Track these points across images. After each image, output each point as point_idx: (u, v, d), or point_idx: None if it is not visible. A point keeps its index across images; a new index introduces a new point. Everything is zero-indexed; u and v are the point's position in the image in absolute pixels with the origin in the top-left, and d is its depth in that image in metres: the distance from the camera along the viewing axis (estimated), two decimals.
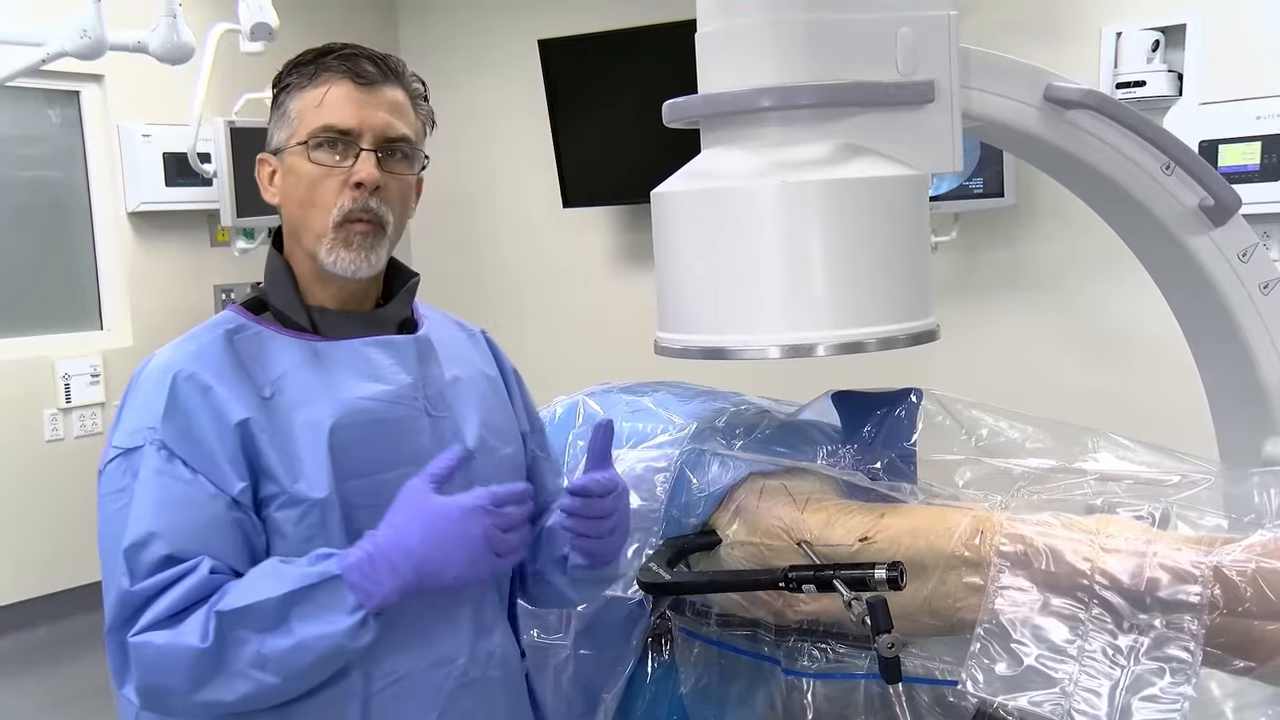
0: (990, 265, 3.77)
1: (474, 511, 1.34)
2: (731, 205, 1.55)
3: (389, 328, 1.54)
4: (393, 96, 1.49)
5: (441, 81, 4.84)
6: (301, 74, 1.48)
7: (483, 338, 1.72)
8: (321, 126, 1.45)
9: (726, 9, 1.60)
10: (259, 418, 1.40)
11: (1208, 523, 1.63)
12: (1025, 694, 1.49)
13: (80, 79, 4.06)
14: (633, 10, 4.09)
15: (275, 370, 1.44)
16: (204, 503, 1.36)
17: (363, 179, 1.44)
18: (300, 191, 1.47)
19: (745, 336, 1.56)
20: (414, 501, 1.36)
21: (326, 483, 1.40)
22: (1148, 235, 1.85)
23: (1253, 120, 3.14)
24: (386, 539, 1.34)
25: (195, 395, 1.39)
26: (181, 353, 1.44)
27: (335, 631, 1.32)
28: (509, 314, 4.81)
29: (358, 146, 1.45)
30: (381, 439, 1.46)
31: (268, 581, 1.33)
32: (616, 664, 1.93)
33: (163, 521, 1.35)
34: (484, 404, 1.61)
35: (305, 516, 1.40)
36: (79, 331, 4.18)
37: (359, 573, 1.32)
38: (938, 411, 1.92)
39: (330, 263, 1.46)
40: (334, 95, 1.45)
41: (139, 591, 1.33)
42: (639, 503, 1.92)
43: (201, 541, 1.35)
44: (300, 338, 1.48)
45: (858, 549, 1.69)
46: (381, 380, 1.48)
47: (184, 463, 1.37)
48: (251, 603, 1.31)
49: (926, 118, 1.59)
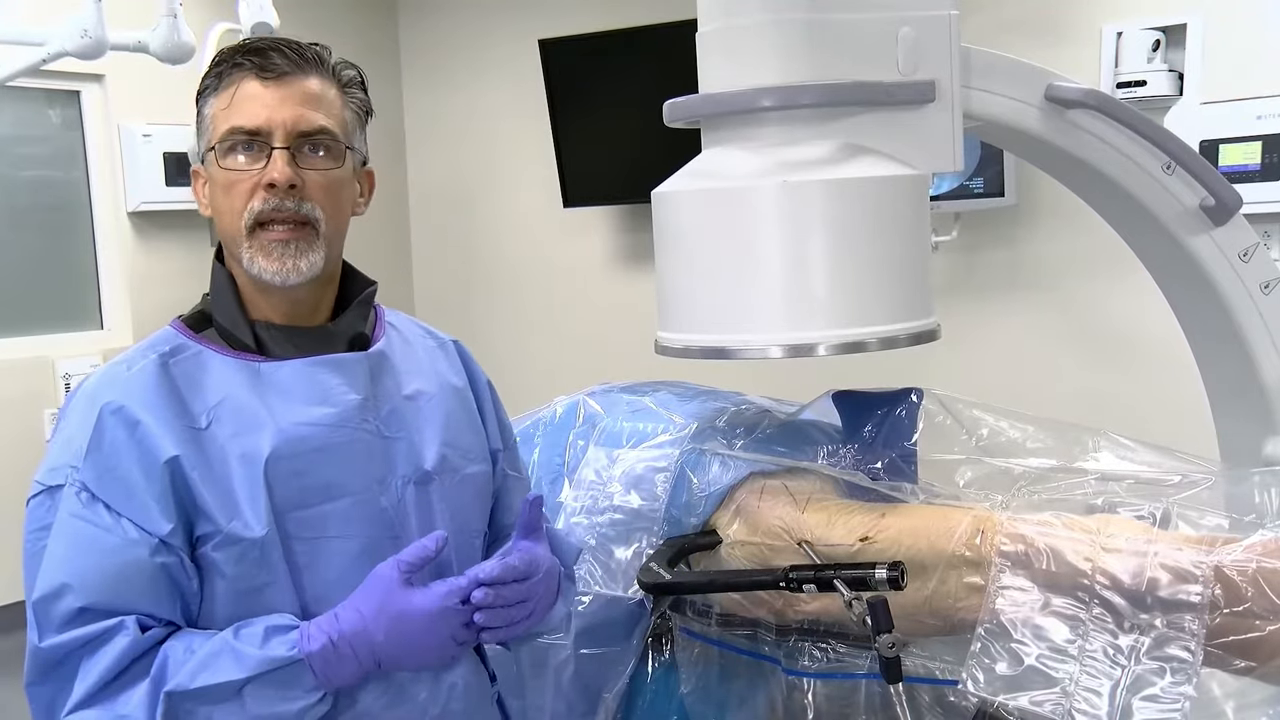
0: (990, 265, 3.77)
1: (444, 614, 1.31)
2: (732, 205, 1.55)
3: (338, 344, 1.44)
4: (307, 87, 1.38)
5: (441, 81, 4.87)
6: (213, 75, 1.39)
7: (454, 347, 1.63)
8: (229, 129, 1.35)
9: (727, 9, 1.60)
10: (189, 453, 1.31)
11: (1208, 522, 1.63)
12: (1026, 694, 1.49)
13: (81, 79, 4.06)
14: (633, 10, 4.09)
15: (213, 396, 1.35)
16: (124, 549, 1.27)
17: (272, 179, 1.34)
18: (217, 199, 1.38)
19: (746, 336, 1.56)
20: (382, 593, 1.30)
21: (264, 520, 1.31)
22: (1148, 235, 1.85)
23: (1253, 120, 3.14)
24: (350, 626, 1.29)
25: (121, 430, 1.30)
26: (113, 380, 1.35)
27: (292, 711, 1.28)
28: (509, 314, 4.81)
29: (269, 146, 1.35)
30: (324, 467, 1.36)
31: (225, 662, 1.26)
32: (617, 664, 1.93)
33: (77, 570, 1.26)
34: (448, 420, 1.51)
35: (244, 556, 1.31)
36: (79, 331, 4.18)
37: (322, 660, 1.27)
38: (938, 411, 1.92)
39: (254, 272, 1.36)
40: (241, 93, 1.36)
41: (50, 648, 1.25)
42: (639, 503, 1.92)
43: (120, 592, 1.27)
44: (242, 359, 1.39)
45: (858, 549, 1.69)
46: (327, 403, 1.38)
47: (106, 506, 1.28)
48: (207, 685, 1.25)
49: (927, 117, 1.59)
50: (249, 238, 1.36)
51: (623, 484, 1.95)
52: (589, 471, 2.01)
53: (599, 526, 1.93)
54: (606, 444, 2.04)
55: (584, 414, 2.14)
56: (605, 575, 1.91)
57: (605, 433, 2.07)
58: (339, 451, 1.38)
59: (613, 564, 1.91)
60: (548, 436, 2.13)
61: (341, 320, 1.46)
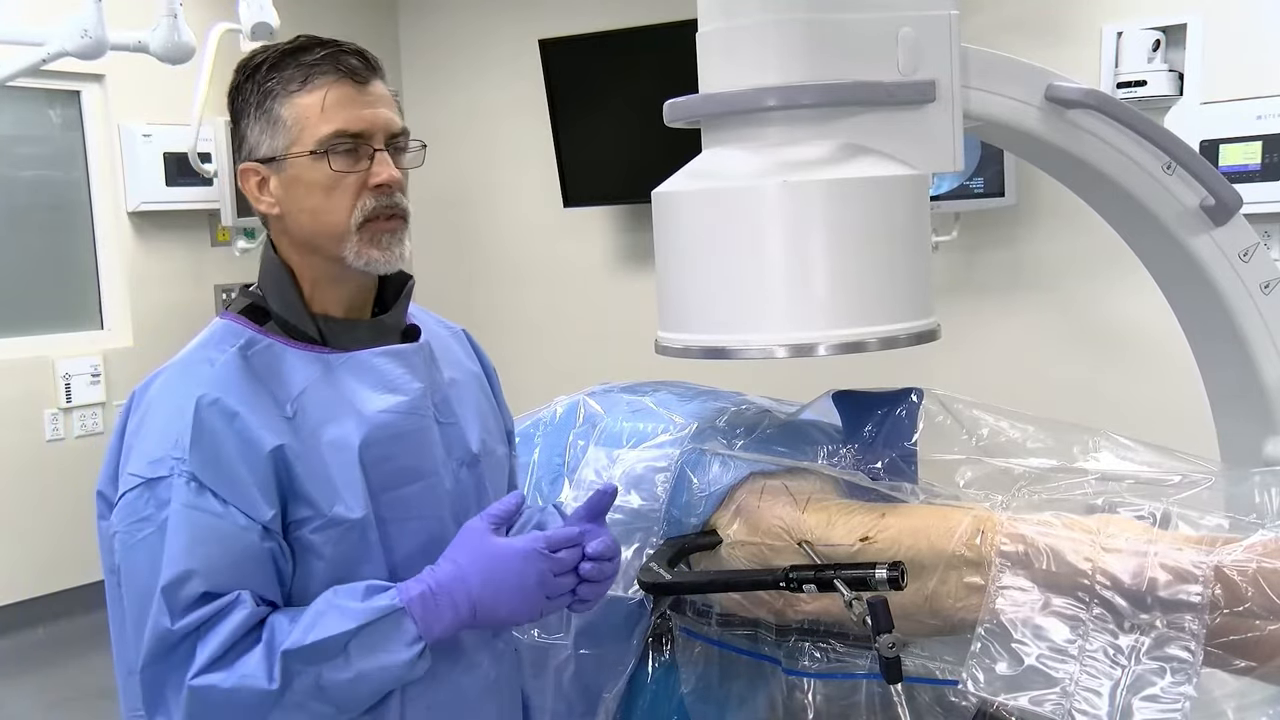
0: (990, 265, 3.77)
1: (531, 556, 1.39)
2: (733, 205, 1.55)
3: (393, 336, 1.53)
4: (381, 91, 1.48)
5: (441, 81, 4.87)
6: (286, 77, 1.43)
7: (464, 336, 1.70)
8: (334, 133, 1.41)
9: (728, 9, 1.60)
10: (291, 443, 1.39)
11: (1209, 522, 1.63)
12: (1026, 694, 1.49)
13: (81, 79, 4.07)
14: (633, 10, 4.09)
15: (294, 388, 1.42)
16: (237, 535, 1.35)
17: (385, 180, 1.43)
18: (314, 199, 1.43)
19: (746, 336, 1.56)
20: (475, 542, 1.40)
21: (363, 502, 1.40)
22: (1148, 235, 1.85)
23: (1253, 120, 3.14)
24: (447, 575, 1.37)
25: (221, 422, 1.37)
26: (199, 374, 1.41)
27: (395, 663, 1.35)
28: (510, 314, 4.81)
29: (370, 148, 1.43)
30: (404, 452, 1.46)
31: (331, 618, 1.33)
32: (617, 664, 1.93)
33: (198, 558, 1.33)
34: (479, 406, 1.61)
35: (344, 538, 1.40)
36: (79, 331, 4.18)
37: (421, 606, 1.35)
38: (939, 411, 1.92)
39: (362, 264, 1.44)
40: (335, 98, 1.42)
41: (179, 630, 1.32)
42: (640, 503, 1.92)
43: (237, 575, 1.34)
44: (311, 350, 1.46)
45: (858, 549, 1.69)
46: (396, 391, 1.47)
47: (214, 494, 1.35)
48: (318, 640, 1.32)
49: (927, 117, 1.59)
50: (358, 232, 1.43)
51: (623, 484, 1.95)
52: (589, 471, 2.01)
53: None
54: (606, 444, 2.04)
55: (584, 414, 2.14)
56: None
57: (605, 433, 2.07)
58: (414, 438, 1.47)
59: None
60: (548, 436, 2.13)
61: (392, 313, 1.53)
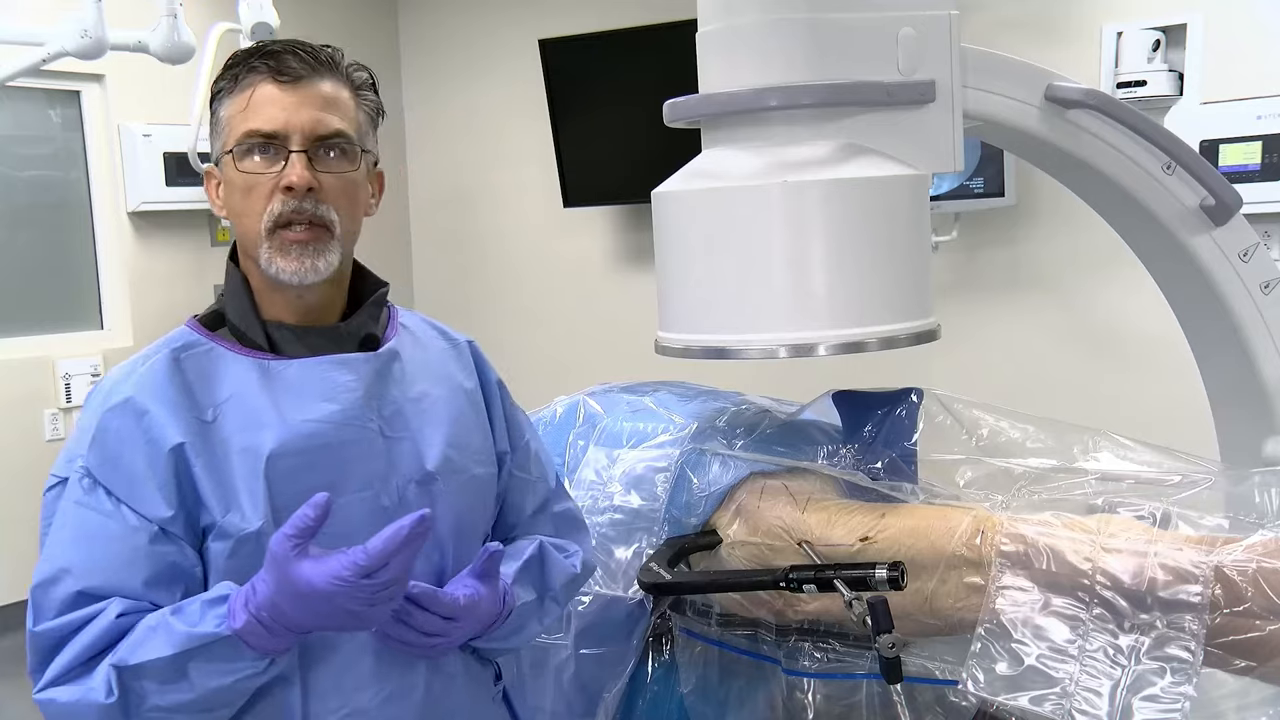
0: (990, 265, 3.77)
1: (333, 593, 1.22)
2: (733, 205, 1.55)
3: (349, 344, 1.45)
4: (323, 91, 1.39)
5: (441, 81, 4.87)
6: (228, 78, 1.40)
7: (468, 348, 1.61)
8: (246, 132, 1.37)
9: (728, 9, 1.60)
10: (195, 442, 1.33)
11: (1209, 522, 1.63)
12: (1026, 694, 1.49)
13: (81, 79, 4.06)
14: (633, 10, 4.09)
15: (222, 392, 1.37)
16: (124, 535, 1.29)
17: (291, 182, 1.36)
18: (234, 201, 1.40)
19: (746, 336, 1.56)
20: (278, 570, 1.24)
21: (260, 514, 1.32)
22: (1148, 235, 1.85)
23: (1253, 120, 3.14)
24: (264, 598, 1.25)
25: (129, 419, 1.33)
26: (127, 374, 1.38)
27: (241, 676, 1.27)
28: (509, 314, 4.81)
29: (286, 149, 1.37)
30: (327, 464, 1.37)
31: (157, 638, 1.25)
32: (617, 664, 1.93)
33: (77, 556, 1.28)
34: (456, 422, 1.51)
35: (238, 549, 1.31)
36: (79, 331, 4.18)
37: (252, 635, 1.25)
38: (938, 411, 1.92)
39: (272, 272, 1.38)
40: (258, 97, 1.37)
41: (43, 633, 1.26)
42: (640, 503, 1.92)
43: (118, 577, 1.28)
44: (254, 356, 1.40)
45: (858, 549, 1.69)
46: (333, 401, 1.39)
47: (106, 491, 1.30)
48: (145, 660, 1.25)
49: (927, 117, 1.59)
50: (268, 239, 1.37)
51: (623, 484, 1.95)
52: (589, 471, 2.01)
53: (599, 526, 1.93)
54: (606, 444, 2.04)
55: (584, 414, 2.14)
56: (605, 575, 1.91)
57: (605, 433, 2.07)
58: (342, 450, 1.39)
59: (613, 564, 1.91)
60: (548, 436, 2.13)
61: (353, 320, 1.46)
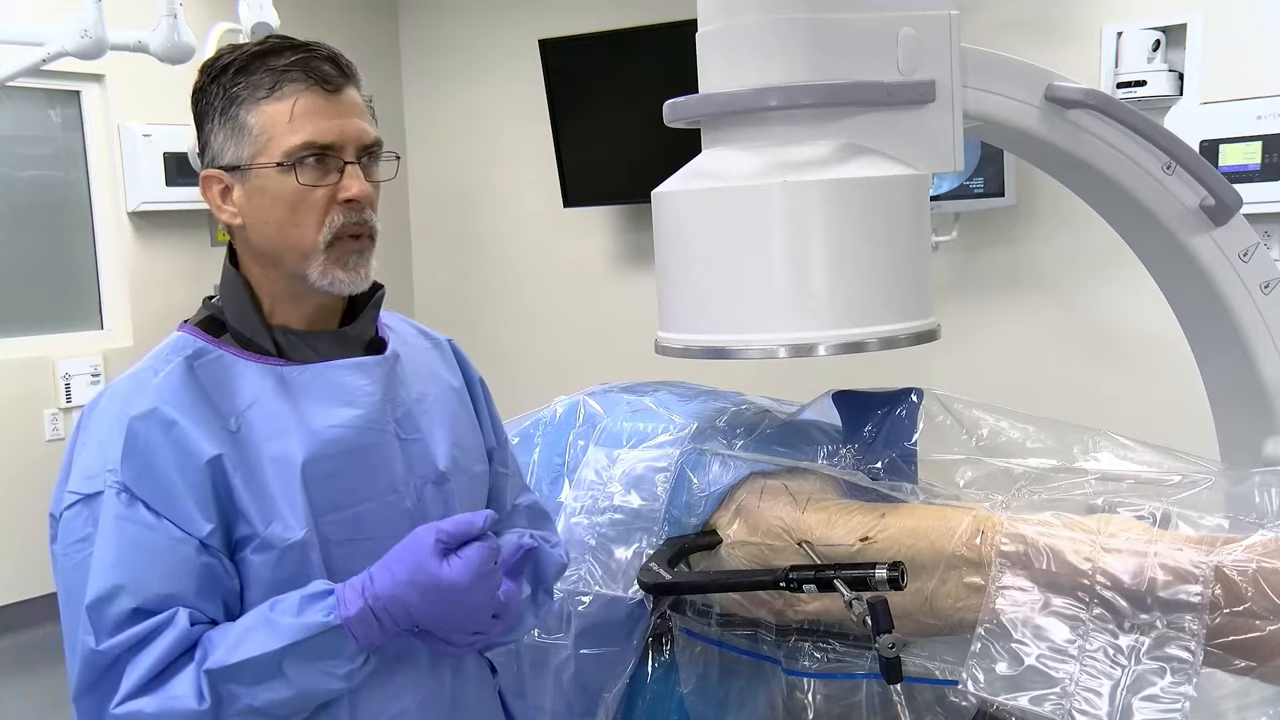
0: (990, 265, 3.77)
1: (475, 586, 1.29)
2: (733, 205, 1.55)
3: (356, 347, 1.44)
4: (354, 99, 1.38)
5: (441, 81, 4.87)
6: (254, 82, 1.34)
7: (449, 347, 1.61)
8: (302, 144, 1.32)
9: (727, 9, 1.60)
10: (230, 453, 1.30)
11: (1209, 522, 1.63)
12: (1026, 694, 1.49)
13: (81, 79, 4.07)
14: (633, 10, 4.09)
15: (242, 400, 1.34)
16: (171, 547, 1.27)
17: (355, 195, 1.34)
18: (279, 213, 1.35)
19: (746, 336, 1.56)
20: (417, 561, 1.28)
21: (303, 523, 1.31)
22: (1148, 235, 1.85)
23: (1253, 120, 3.14)
24: (385, 590, 1.28)
25: (158, 432, 1.29)
26: (141, 387, 1.33)
27: (334, 675, 1.28)
28: (509, 314, 4.81)
29: (340, 160, 1.35)
30: (355, 470, 1.37)
31: (260, 634, 1.25)
32: (617, 664, 1.93)
33: (128, 572, 1.25)
34: (453, 421, 1.51)
35: (283, 559, 1.31)
36: (79, 331, 4.18)
37: (361, 625, 1.27)
38: (938, 411, 1.92)
39: (326, 284, 1.36)
40: (304, 107, 1.33)
41: (107, 650, 1.24)
42: (640, 503, 1.92)
43: (172, 590, 1.26)
44: (265, 363, 1.37)
45: (858, 549, 1.69)
46: (353, 405, 1.38)
47: (146, 505, 1.27)
48: (245, 659, 1.24)
49: (927, 117, 1.59)
50: (325, 251, 1.35)
51: (623, 484, 1.95)
52: (589, 471, 2.01)
53: (599, 526, 1.93)
54: (606, 444, 2.04)
55: (584, 414, 2.14)
56: (605, 575, 1.90)
57: (605, 433, 2.07)
58: (367, 454, 1.38)
59: (613, 564, 1.91)
60: (548, 436, 2.13)
61: (357, 324, 1.45)
